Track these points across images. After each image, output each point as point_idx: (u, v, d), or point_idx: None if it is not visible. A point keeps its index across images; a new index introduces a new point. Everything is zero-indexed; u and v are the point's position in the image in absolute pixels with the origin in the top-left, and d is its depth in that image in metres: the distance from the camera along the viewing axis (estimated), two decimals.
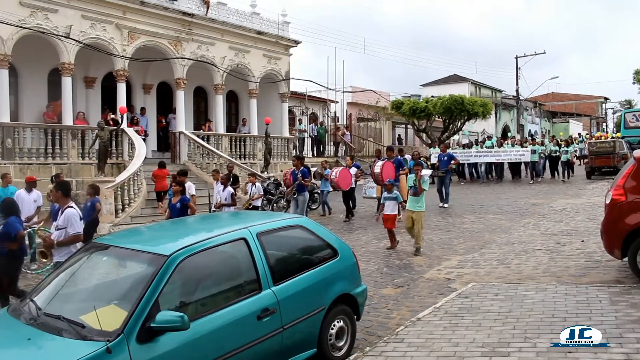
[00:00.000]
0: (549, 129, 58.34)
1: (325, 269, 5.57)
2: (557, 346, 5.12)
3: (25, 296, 4.78)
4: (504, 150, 23.31)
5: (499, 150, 23.47)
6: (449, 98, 25.87)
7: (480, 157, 23.40)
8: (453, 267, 9.37)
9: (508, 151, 23.11)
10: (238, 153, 21.53)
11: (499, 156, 23.16)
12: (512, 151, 22.95)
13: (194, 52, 20.50)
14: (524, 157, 22.36)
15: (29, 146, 15.94)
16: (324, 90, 29.27)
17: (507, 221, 13.70)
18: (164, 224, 6.94)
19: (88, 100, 19.81)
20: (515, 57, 42.45)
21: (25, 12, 15.80)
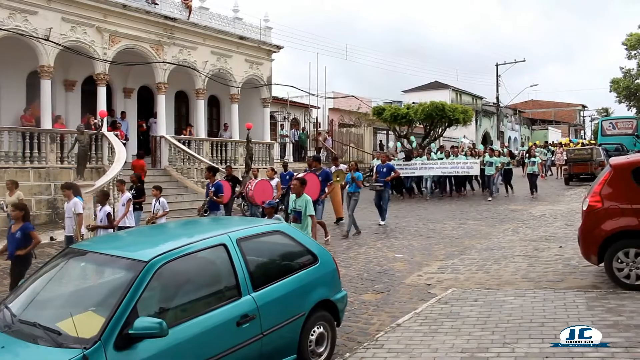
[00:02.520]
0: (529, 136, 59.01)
1: (305, 275, 5.56)
2: (557, 345, 5.17)
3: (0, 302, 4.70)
4: (451, 162, 20.53)
5: (445, 162, 20.65)
6: (430, 104, 25.99)
7: (426, 169, 20.54)
8: (433, 272, 9.42)
9: (455, 163, 20.37)
10: (219, 158, 21.44)
11: (445, 168, 20.35)
12: (460, 163, 20.27)
13: (175, 57, 20.41)
14: (473, 170, 19.91)
15: (6, 150, 15.69)
16: (305, 95, 29.32)
17: (487, 227, 13.82)
18: (143, 230, 6.89)
19: (68, 104, 19.62)
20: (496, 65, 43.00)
21: (4, 13, 15.63)
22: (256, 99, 24.54)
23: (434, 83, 51.21)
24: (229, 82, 22.71)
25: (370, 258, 10.79)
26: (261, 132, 24.22)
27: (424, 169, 20.51)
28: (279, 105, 29.62)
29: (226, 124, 24.30)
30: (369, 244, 12.26)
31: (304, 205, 8.62)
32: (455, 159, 20.68)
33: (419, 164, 20.65)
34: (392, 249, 11.52)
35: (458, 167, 20.06)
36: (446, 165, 20.33)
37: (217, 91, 23.96)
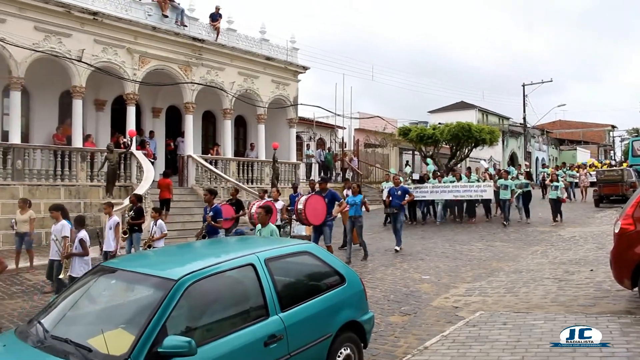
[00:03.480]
0: (557, 156, 58.28)
1: (333, 296, 5.53)
2: (557, 346, 5.06)
3: (33, 318, 4.77)
4: (463, 186, 19.37)
5: (457, 186, 19.47)
6: (456, 125, 25.88)
7: (437, 193, 19.49)
8: (460, 295, 9.30)
9: (467, 186, 19.25)
10: (245, 177, 21.60)
11: (457, 192, 19.22)
12: (472, 186, 19.17)
13: (203, 77, 20.71)
14: (486, 194, 18.76)
15: (38, 167, 16.06)
16: (331, 116, 29.43)
17: (515, 249, 13.62)
18: (171, 249, 6.94)
19: (98, 123, 20.00)
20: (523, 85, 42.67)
21: (40, 36, 16.09)
22: (282, 119, 24.70)
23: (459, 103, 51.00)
24: (255, 103, 22.93)
25: (396, 279, 10.71)
26: (287, 152, 24.35)
27: (435, 192, 19.52)
28: (305, 125, 29.77)
29: (253, 143, 24.49)
30: (395, 265, 12.18)
31: (269, 235, 7.86)
32: (468, 182, 19.70)
33: (430, 188, 19.68)
34: (419, 271, 11.43)
35: (471, 190, 19.04)
36: (458, 189, 19.27)
37: (244, 111, 24.20)
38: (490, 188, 18.57)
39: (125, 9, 18.40)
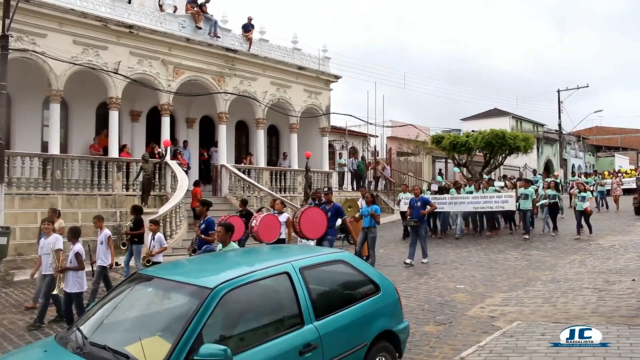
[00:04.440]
0: (594, 163, 57.11)
1: (368, 305, 5.50)
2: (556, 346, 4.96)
3: (73, 324, 4.85)
4: (484, 196, 17.98)
5: (477, 196, 18.19)
6: (489, 132, 25.57)
7: (456, 204, 18.25)
8: (496, 304, 9.15)
9: (488, 197, 17.84)
10: (278, 186, 21.69)
11: (477, 203, 17.96)
12: (493, 197, 17.83)
13: (236, 87, 20.92)
14: (508, 205, 17.32)
15: (76, 177, 16.42)
16: (363, 124, 29.37)
17: (552, 258, 13.36)
18: (206, 257, 6.99)
19: (133, 133, 20.35)
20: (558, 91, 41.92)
21: (78, 49, 16.49)
22: (315, 128, 24.76)
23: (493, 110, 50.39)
24: (288, 112, 23.05)
25: (431, 288, 10.60)
26: (320, 161, 24.37)
27: (454, 203, 18.30)
28: (338, 134, 29.78)
29: (285, 152, 24.59)
30: (430, 274, 12.07)
31: None
32: (488, 193, 18.32)
33: (449, 199, 18.53)
34: (453, 280, 11.30)
35: (491, 201, 17.68)
36: (478, 200, 17.97)
37: (276, 120, 24.34)
38: (512, 199, 17.32)
39: (159, 21, 18.75)
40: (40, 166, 15.78)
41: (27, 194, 15.14)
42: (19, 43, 15.03)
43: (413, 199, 14.51)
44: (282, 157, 24.66)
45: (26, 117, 17.40)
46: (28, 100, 17.35)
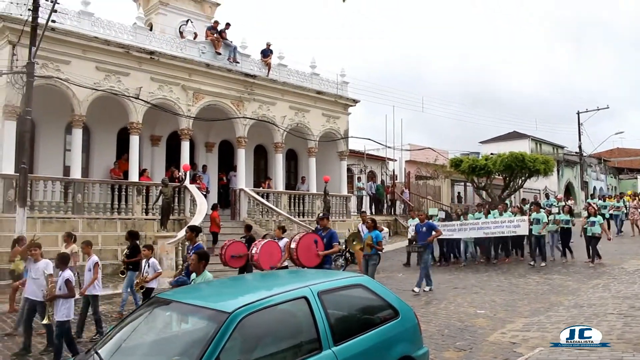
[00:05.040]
0: (616, 186, 56.35)
1: (386, 330, 5.44)
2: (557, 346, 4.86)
3: (91, 348, 4.87)
4: (494, 221, 17.19)
5: (487, 221, 17.39)
6: (509, 155, 25.45)
7: (465, 230, 17.35)
8: (518, 330, 8.99)
9: (499, 222, 17.04)
10: (297, 210, 21.71)
11: (488, 229, 17.08)
12: (505, 222, 16.91)
13: (255, 112, 21.10)
14: (520, 229, 16.41)
15: (97, 201, 16.61)
16: (382, 148, 29.41)
17: (574, 282, 13.12)
18: (225, 281, 7.00)
19: (153, 158, 20.57)
20: (577, 113, 41.60)
21: (100, 75, 16.81)
22: (333, 152, 24.82)
23: (512, 133, 50.17)
24: (306, 136, 23.16)
25: (450, 314, 10.46)
26: (338, 185, 24.36)
27: (464, 230, 17.43)
28: (356, 157, 29.81)
29: (304, 177, 24.65)
30: (449, 298, 11.92)
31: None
32: (499, 217, 17.57)
33: (458, 225, 17.69)
34: (474, 305, 11.14)
35: (503, 226, 16.80)
36: (489, 225, 17.14)
37: (294, 145, 24.45)
38: (525, 223, 16.38)
39: (180, 47, 19.07)
40: (62, 190, 16.02)
41: (49, 218, 15.36)
42: (44, 70, 15.37)
43: (418, 224, 14.06)
44: (301, 181, 24.72)
45: (49, 141, 17.73)
46: (51, 125, 17.69)
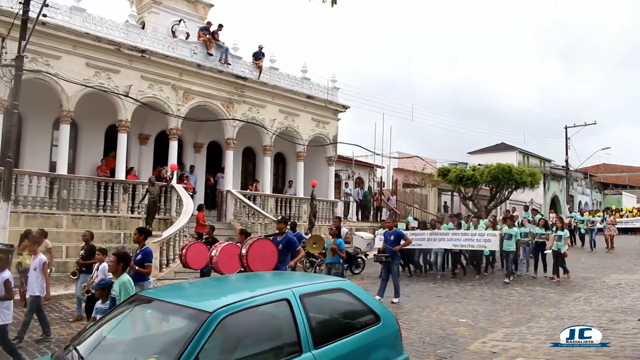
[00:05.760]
0: (601, 201, 56.84)
1: (367, 335, 5.43)
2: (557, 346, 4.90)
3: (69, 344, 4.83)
4: (464, 234, 16.78)
5: (457, 233, 16.92)
6: (496, 167, 25.62)
7: (435, 241, 16.74)
8: (498, 340, 9.03)
9: (470, 235, 16.58)
10: (283, 214, 21.66)
11: (457, 241, 16.57)
12: (475, 235, 16.42)
13: (244, 114, 21.10)
14: (490, 244, 15.89)
15: (82, 198, 16.51)
16: (370, 155, 29.48)
17: (556, 294, 13.21)
18: (207, 281, 6.97)
19: (141, 156, 20.50)
20: (565, 127, 41.98)
21: (90, 72, 16.75)
22: (321, 157, 24.86)
23: (500, 145, 50.53)
24: (295, 140, 23.18)
25: (432, 321, 10.49)
26: (325, 190, 24.40)
27: (433, 240, 16.81)
28: (344, 163, 29.87)
29: (291, 180, 24.66)
30: (432, 307, 11.95)
31: (118, 290, 6.37)
32: (470, 230, 17.08)
33: (428, 235, 17.05)
34: (456, 313, 11.18)
35: (473, 239, 16.28)
36: (459, 237, 16.65)
37: (283, 148, 24.47)
38: (496, 237, 15.81)
39: (172, 47, 19.05)
40: (48, 185, 15.90)
41: (33, 213, 15.23)
42: (33, 64, 15.26)
43: (387, 232, 13.29)
44: (288, 185, 24.73)
45: (36, 136, 17.59)
46: (39, 120, 17.56)
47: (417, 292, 13.69)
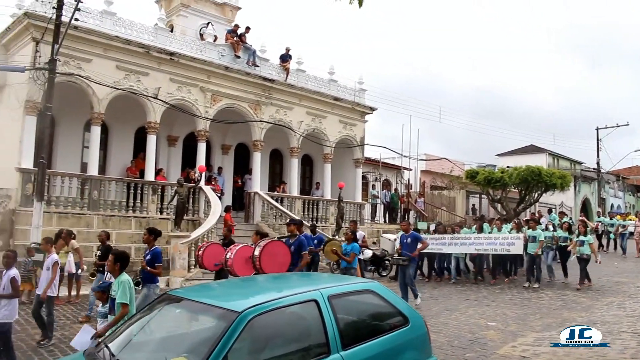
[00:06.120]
0: (634, 204, 55.67)
1: (395, 337, 5.39)
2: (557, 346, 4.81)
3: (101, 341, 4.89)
4: (487, 237, 16.10)
5: (480, 237, 16.19)
6: (525, 169, 25.22)
7: (456, 245, 16.08)
8: (529, 344, 8.88)
9: (492, 238, 15.95)
10: (310, 216, 21.70)
11: (479, 245, 15.88)
12: (498, 238, 15.83)
13: (272, 116, 21.17)
14: (514, 248, 15.25)
15: (112, 199, 16.75)
16: (397, 157, 29.32)
17: (588, 299, 12.96)
18: (235, 282, 7.00)
19: (169, 158, 20.72)
20: (596, 129, 41.27)
21: (121, 74, 16.98)
22: (349, 159, 24.80)
23: (529, 147, 49.84)
24: (322, 142, 23.17)
25: (461, 325, 10.37)
26: (353, 192, 24.32)
27: (454, 244, 16.17)
28: (371, 165, 29.77)
29: (318, 182, 24.66)
30: (460, 310, 11.83)
31: (117, 289, 6.28)
32: (493, 234, 16.48)
33: (448, 239, 16.38)
34: (485, 317, 11.04)
35: (496, 242, 15.70)
36: (481, 241, 15.98)
37: (310, 150, 24.48)
38: (520, 241, 15.23)
39: (200, 49, 19.22)
40: (79, 186, 16.19)
41: (65, 213, 15.52)
42: (65, 67, 15.55)
43: (403, 235, 12.94)
44: (315, 187, 24.72)
45: (68, 138, 17.93)
46: (70, 122, 17.90)
47: (445, 295, 13.57)
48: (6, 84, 16.83)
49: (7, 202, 15.09)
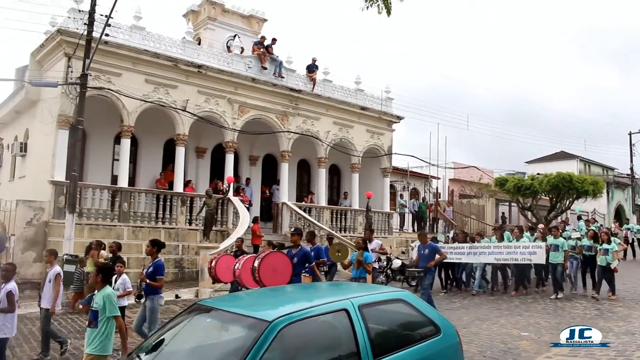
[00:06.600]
0: None
1: (427, 347, 5.30)
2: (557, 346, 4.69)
3: (132, 351, 4.92)
4: (507, 247, 15.46)
5: (499, 246, 15.57)
6: (556, 176, 24.84)
7: (475, 255, 15.55)
8: (564, 354, 8.64)
9: (513, 247, 15.29)
10: (339, 226, 21.67)
11: (499, 254, 15.26)
12: (519, 247, 15.15)
13: (299, 126, 21.24)
14: (536, 257, 14.60)
15: (142, 210, 16.95)
16: (425, 166, 29.14)
17: (625, 308, 12.62)
18: (264, 291, 6.99)
19: (198, 169, 20.91)
20: (629, 134, 40.49)
21: (149, 88, 17.24)
22: (376, 169, 24.72)
23: (559, 153, 49.03)
24: (349, 152, 23.15)
25: (493, 334, 10.19)
26: (381, 202, 24.22)
27: (473, 254, 15.66)
28: (399, 175, 29.63)
29: (346, 192, 24.60)
30: (492, 319, 11.63)
31: (102, 302, 6.09)
32: (513, 243, 15.76)
33: (467, 248, 15.87)
34: (517, 326, 10.83)
35: (516, 252, 15.07)
36: (501, 250, 15.36)
37: (338, 160, 24.46)
38: (542, 250, 14.53)
39: (227, 61, 19.42)
40: (109, 198, 16.44)
41: (96, 225, 15.76)
42: (96, 81, 15.85)
43: (420, 246, 12.65)
44: (343, 197, 24.67)
45: (99, 151, 18.24)
46: (101, 135, 18.21)
47: (475, 305, 13.36)
48: (40, 99, 17.24)
49: (41, 215, 15.40)
